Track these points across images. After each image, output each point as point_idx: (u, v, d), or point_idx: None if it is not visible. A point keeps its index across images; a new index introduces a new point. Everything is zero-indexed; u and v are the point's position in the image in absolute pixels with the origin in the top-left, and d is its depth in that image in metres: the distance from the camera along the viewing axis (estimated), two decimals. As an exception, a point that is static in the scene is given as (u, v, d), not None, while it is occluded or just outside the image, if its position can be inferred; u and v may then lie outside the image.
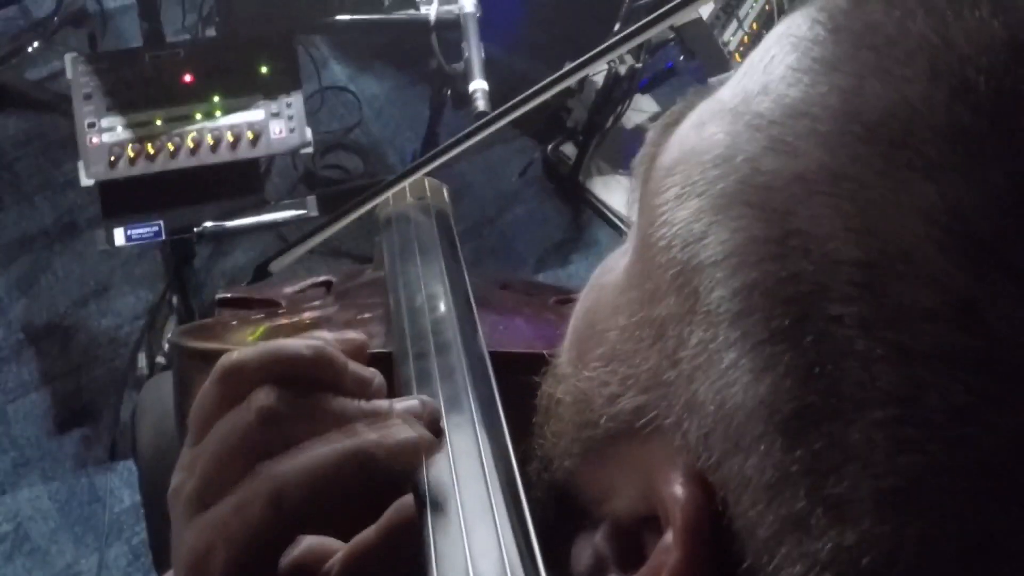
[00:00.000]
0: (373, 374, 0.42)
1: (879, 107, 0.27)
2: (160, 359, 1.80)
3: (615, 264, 0.39)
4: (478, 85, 1.24)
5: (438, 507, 0.41)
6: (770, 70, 0.31)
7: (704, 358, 0.30)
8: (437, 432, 0.41)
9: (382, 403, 0.40)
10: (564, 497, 0.40)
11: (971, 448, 0.24)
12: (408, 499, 0.39)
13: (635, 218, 0.37)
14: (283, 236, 2.03)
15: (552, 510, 0.40)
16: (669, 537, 0.30)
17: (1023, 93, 0.26)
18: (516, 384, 0.48)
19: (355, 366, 0.41)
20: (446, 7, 1.37)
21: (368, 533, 0.37)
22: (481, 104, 1.22)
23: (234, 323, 0.70)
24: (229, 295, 0.73)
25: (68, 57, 1.38)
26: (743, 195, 0.29)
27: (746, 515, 0.28)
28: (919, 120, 0.27)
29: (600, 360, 0.37)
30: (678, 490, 0.30)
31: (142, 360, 1.82)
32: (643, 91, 2.21)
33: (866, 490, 0.25)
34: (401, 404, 0.41)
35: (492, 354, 0.55)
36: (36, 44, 2.05)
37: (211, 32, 1.82)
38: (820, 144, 0.28)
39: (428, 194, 0.77)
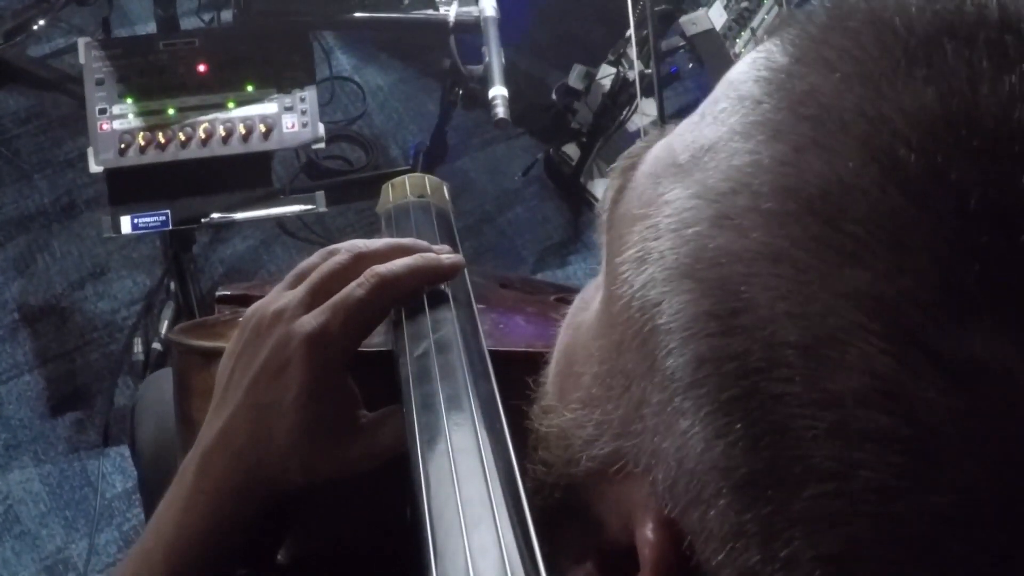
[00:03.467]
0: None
1: (814, 184, 0.28)
2: (156, 345, 1.79)
3: (589, 300, 0.41)
4: (498, 92, 1.23)
5: (437, 499, 0.42)
6: (717, 125, 0.32)
7: (664, 418, 0.31)
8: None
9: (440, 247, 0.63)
10: (556, 524, 0.41)
11: (898, 523, 0.26)
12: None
13: (603, 262, 0.38)
14: (283, 227, 2.03)
15: (547, 535, 0.42)
16: (643, 574, 0.33)
17: (950, 173, 0.26)
18: (517, 382, 0.48)
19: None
20: (466, 8, 1.36)
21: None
22: (501, 111, 1.21)
23: (234, 320, 0.70)
24: (229, 292, 0.73)
25: (82, 42, 1.37)
26: (693, 269, 0.30)
27: (709, 562, 0.30)
28: (851, 200, 0.27)
29: (577, 403, 0.38)
30: (648, 534, 0.33)
31: (138, 346, 1.81)
32: (647, 95, 2.21)
33: (809, 554, 0.27)
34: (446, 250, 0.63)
35: (492, 352, 0.55)
36: (41, 22, 2.03)
37: (226, 16, 1.81)
38: (761, 222, 0.28)
39: (429, 192, 0.77)
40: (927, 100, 0.27)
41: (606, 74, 1.97)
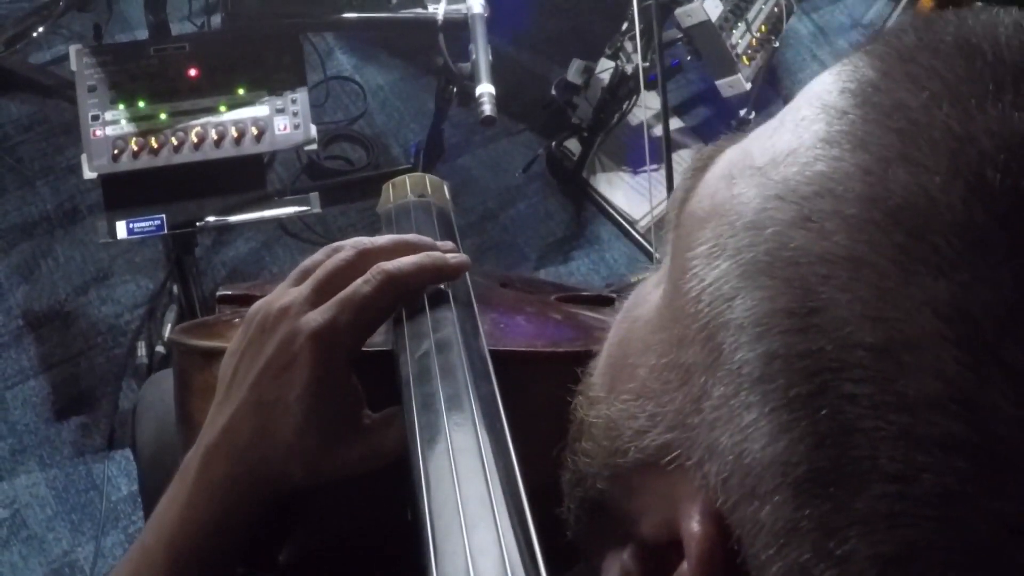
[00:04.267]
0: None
1: (899, 195, 0.28)
2: (160, 348, 1.80)
3: (647, 296, 0.41)
4: (485, 89, 1.23)
5: (437, 499, 0.42)
6: (799, 132, 0.32)
7: (725, 411, 0.32)
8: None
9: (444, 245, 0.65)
10: (596, 513, 0.42)
11: (960, 528, 0.26)
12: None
13: (667, 258, 0.39)
14: (285, 227, 2.03)
15: (585, 524, 0.43)
16: (685, 567, 0.33)
17: None
18: (517, 381, 0.48)
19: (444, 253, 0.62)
20: (454, 7, 1.36)
21: None
22: (487, 109, 1.21)
23: (235, 320, 0.70)
24: (230, 292, 0.73)
25: (73, 49, 1.38)
26: (771, 267, 0.30)
27: (758, 557, 0.31)
28: (936, 214, 0.28)
29: (630, 394, 0.39)
30: (695, 526, 0.33)
31: (142, 349, 1.82)
32: (649, 87, 2.20)
33: (865, 553, 0.27)
34: (450, 247, 0.65)
35: (493, 352, 0.55)
36: (41, 29, 2.04)
37: (217, 21, 1.81)
38: (844, 227, 0.29)
39: (429, 191, 0.77)
40: (1015, 125, 0.28)
41: (605, 68, 1.96)
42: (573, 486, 0.43)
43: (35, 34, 2.06)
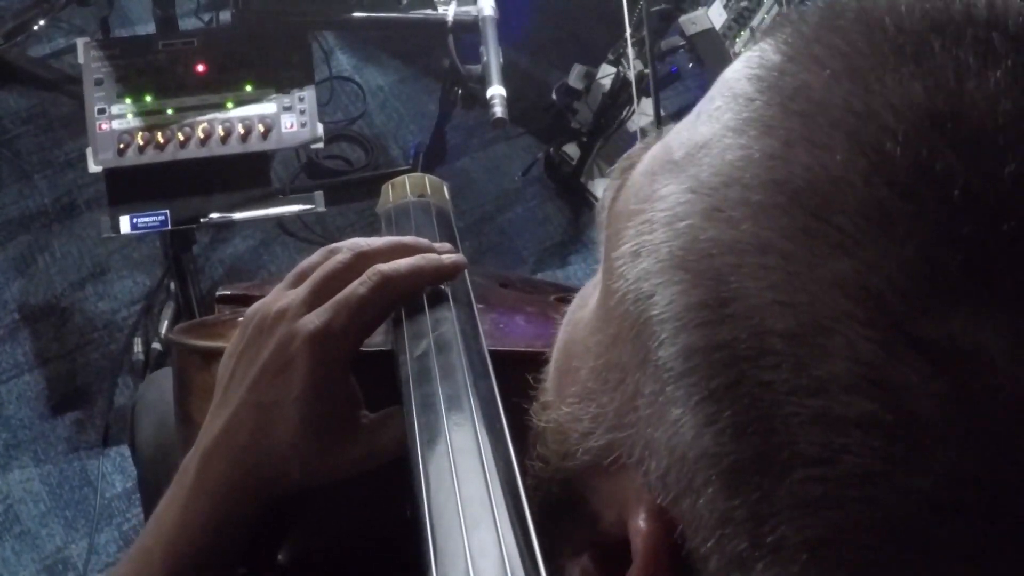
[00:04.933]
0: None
1: (802, 177, 0.28)
2: (156, 345, 1.79)
3: (587, 298, 0.41)
4: (496, 91, 1.23)
5: (437, 499, 0.42)
6: (712, 122, 0.32)
7: (655, 408, 0.32)
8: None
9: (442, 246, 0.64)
10: (555, 516, 0.42)
11: (882, 507, 0.26)
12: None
13: (600, 259, 0.39)
14: (284, 227, 2.03)
15: (547, 527, 0.42)
16: (635, 564, 0.33)
17: (935, 165, 0.27)
18: (517, 381, 0.48)
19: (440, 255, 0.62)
20: (464, 8, 1.36)
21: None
22: (499, 111, 1.21)
23: (235, 320, 0.70)
24: (229, 292, 0.73)
25: (81, 42, 1.37)
26: (685, 261, 0.30)
27: (700, 549, 0.31)
28: (838, 193, 0.28)
29: (574, 397, 0.39)
30: (641, 524, 0.33)
31: (138, 345, 1.81)
32: (646, 95, 2.21)
33: (794, 539, 0.27)
34: (447, 248, 0.64)
35: (492, 352, 0.55)
36: (41, 22, 2.03)
37: (225, 16, 1.81)
38: (751, 214, 0.29)
39: (429, 191, 0.77)
40: (914, 95, 0.28)
41: (606, 74, 1.96)
42: (533, 491, 0.43)
43: (35, 27, 2.05)
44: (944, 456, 0.25)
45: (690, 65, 1.94)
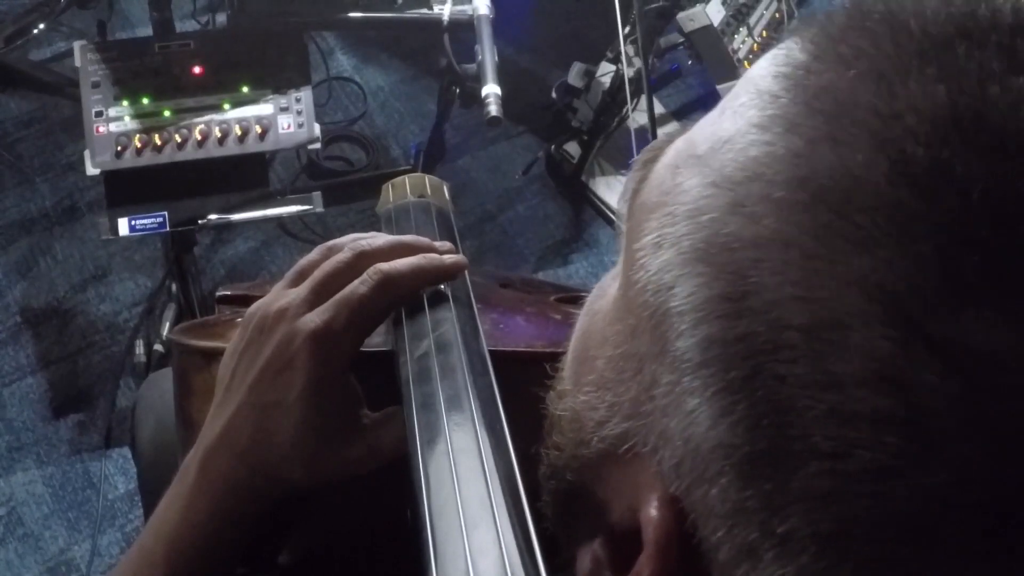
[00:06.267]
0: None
1: (825, 175, 0.29)
2: (158, 347, 1.80)
3: (606, 289, 0.42)
4: (491, 90, 1.23)
5: (437, 500, 0.42)
6: (736, 119, 0.33)
7: (672, 398, 0.32)
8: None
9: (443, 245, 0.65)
10: (568, 504, 0.42)
11: (893, 503, 0.27)
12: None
13: (622, 250, 0.39)
14: (284, 227, 2.03)
15: (559, 516, 0.43)
16: (646, 552, 0.34)
17: (955, 168, 0.27)
18: (517, 382, 0.48)
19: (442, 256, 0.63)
20: (459, 7, 1.36)
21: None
22: (494, 110, 1.21)
23: (235, 320, 0.70)
24: (229, 292, 0.74)
25: (77, 45, 1.37)
26: (707, 254, 0.31)
27: (710, 539, 0.31)
28: (859, 191, 0.28)
29: (591, 386, 0.39)
30: (653, 512, 0.34)
31: (140, 347, 1.81)
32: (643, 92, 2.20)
33: (805, 531, 0.28)
34: (448, 248, 0.65)
35: (493, 352, 0.55)
36: (42, 26, 2.04)
37: (221, 19, 1.81)
38: (773, 210, 0.30)
39: (429, 192, 0.77)
40: (937, 98, 0.28)
41: (606, 72, 1.96)
42: (547, 479, 0.43)
43: (36, 31, 2.05)
44: (955, 454, 0.26)
45: (689, 62, 1.94)
